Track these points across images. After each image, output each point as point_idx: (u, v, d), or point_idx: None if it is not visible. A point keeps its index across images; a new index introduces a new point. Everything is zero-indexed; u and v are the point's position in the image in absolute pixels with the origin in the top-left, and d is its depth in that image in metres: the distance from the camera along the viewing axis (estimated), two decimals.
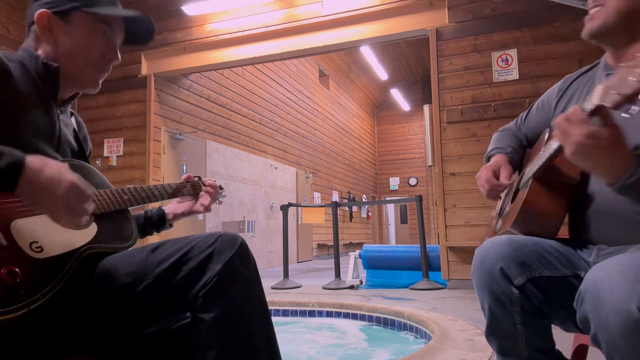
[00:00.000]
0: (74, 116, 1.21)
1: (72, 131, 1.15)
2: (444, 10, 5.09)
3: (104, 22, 1.08)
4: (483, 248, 1.09)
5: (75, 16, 1.05)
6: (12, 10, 5.43)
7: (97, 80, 1.11)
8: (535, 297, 1.02)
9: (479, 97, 4.89)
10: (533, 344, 1.04)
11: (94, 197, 1.00)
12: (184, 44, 6.10)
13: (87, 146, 1.23)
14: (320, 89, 12.48)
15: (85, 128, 1.26)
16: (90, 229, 0.97)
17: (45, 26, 1.04)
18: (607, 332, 0.75)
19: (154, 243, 0.99)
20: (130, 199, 1.08)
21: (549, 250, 1.06)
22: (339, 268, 5.33)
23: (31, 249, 0.85)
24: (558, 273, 1.03)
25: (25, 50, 1.05)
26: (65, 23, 1.05)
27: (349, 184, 13.99)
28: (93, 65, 1.08)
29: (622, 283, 0.74)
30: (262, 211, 8.84)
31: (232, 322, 0.91)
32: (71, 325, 0.91)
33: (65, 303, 0.90)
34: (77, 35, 1.06)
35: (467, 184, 4.79)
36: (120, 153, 6.08)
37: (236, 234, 0.97)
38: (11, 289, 0.80)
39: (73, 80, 1.08)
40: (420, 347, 2.58)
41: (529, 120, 1.37)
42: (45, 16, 1.03)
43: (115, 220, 1.04)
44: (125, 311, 0.94)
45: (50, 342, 0.90)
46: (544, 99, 1.33)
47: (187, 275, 0.93)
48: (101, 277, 0.94)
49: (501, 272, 1.03)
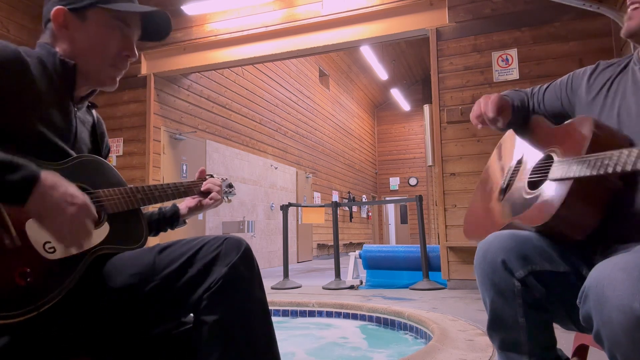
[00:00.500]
0: (93, 111, 1.19)
1: (90, 127, 1.15)
2: (444, 10, 5.08)
3: (121, 18, 1.07)
4: (486, 241, 1.09)
5: (92, 13, 1.04)
6: (12, 10, 5.43)
7: (114, 77, 1.10)
8: (537, 290, 1.02)
9: (479, 97, 4.87)
10: (535, 339, 1.04)
11: (107, 195, 1.01)
12: (184, 43, 6.10)
13: (104, 143, 1.22)
14: (320, 89, 12.48)
15: (104, 126, 1.25)
16: (103, 229, 0.98)
17: (62, 23, 1.03)
18: (610, 329, 0.76)
19: (162, 244, 0.99)
20: (143, 198, 1.08)
21: (552, 247, 1.06)
22: (339, 268, 5.33)
23: (45, 250, 0.85)
24: (560, 269, 1.04)
25: (42, 46, 1.05)
26: (82, 20, 1.04)
27: (349, 184, 13.99)
28: (110, 62, 1.07)
29: (625, 281, 0.75)
30: (262, 211, 8.84)
31: (234, 325, 0.91)
32: (78, 325, 0.91)
33: (75, 303, 0.90)
34: (94, 32, 1.05)
35: (468, 184, 4.78)
36: (120, 153, 6.08)
37: (241, 238, 0.98)
38: (23, 291, 0.80)
39: (90, 78, 1.07)
40: (420, 347, 2.58)
41: (548, 92, 1.33)
42: (61, 13, 1.03)
43: (127, 221, 1.04)
44: (131, 312, 0.94)
45: (56, 342, 0.90)
46: (570, 77, 1.29)
47: (192, 277, 0.93)
48: (108, 277, 0.95)
49: (503, 265, 1.04)
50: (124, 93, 6.11)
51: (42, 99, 0.97)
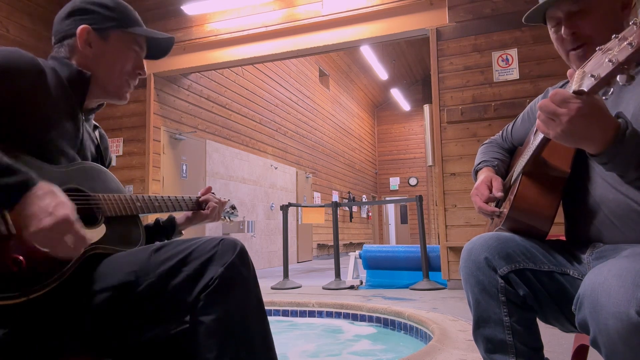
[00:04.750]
0: (97, 129, 1.27)
1: (94, 140, 1.22)
2: (444, 10, 5.08)
3: (137, 41, 1.18)
4: (470, 242, 1.13)
5: (114, 34, 1.14)
6: (12, 10, 5.43)
7: (127, 92, 1.20)
8: (520, 288, 1.04)
9: (479, 97, 4.88)
10: (520, 339, 1.05)
11: (106, 199, 1.05)
12: (184, 43, 6.10)
13: (107, 157, 1.29)
14: (320, 89, 12.47)
15: (108, 141, 1.33)
16: (100, 229, 1.01)
17: (86, 41, 1.11)
18: (606, 336, 0.75)
19: (158, 243, 1.01)
20: (142, 206, 1.14)
21: (536, 247, 1.09)
22: (339, 268, 5.33)
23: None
24: (543, 267, 1.06)
25: (56, 58, 1.12)
26: (104, 39, 1.13)
27: (349, 184, 13.99)
28: (125, 78, 1.17)
29: (620, 287, 0.75)
30: (262, 211, 8.84)
31: (232, 324, 0.91)
32: (72, 322, 0.92)
33: (66, 298, 0.91)
34: (114, 51, 1.15)
35: (468, 184, 4.78)
36: (120, 153, 6.07)
37: (236, 239, 0.99)
38: (14, 276, 0.83)
39: (105, 90, 1.15)
40: (421, 347, 2.58)
41: (515, 131, 1.40)
42: (86, 31, 1.11)
43: (124, 224, 1.08)
44: (127, 310, 0.95)
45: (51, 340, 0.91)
46: (527, 110, 1.36)
47: (188, 276, 0.94)
48: (103, 275, 0.96)
49: (486, 262, 1.06)
50: None
51: (55, 105, 1.02)
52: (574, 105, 0.85)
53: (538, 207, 1.10)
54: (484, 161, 1.36)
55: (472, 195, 1.26)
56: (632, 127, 0.88)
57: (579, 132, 0.87)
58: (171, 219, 1.38)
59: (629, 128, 0.88)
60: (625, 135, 0.87)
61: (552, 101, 0.88)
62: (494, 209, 1.19)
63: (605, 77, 0.79)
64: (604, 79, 0.80)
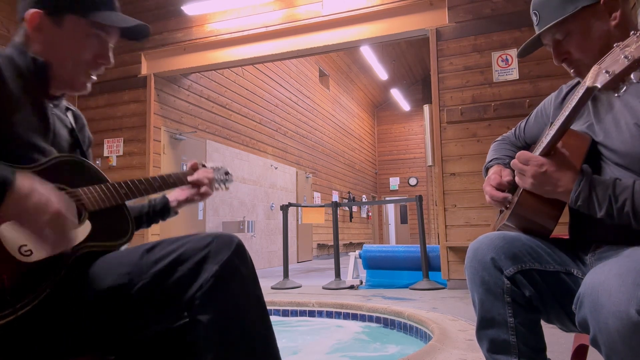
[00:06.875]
0: (70, 111, 1.18)
1: (68, 125, 1.14)
2: (444, 10, 5.09)
3: (99, 26, 1.04)
4: (476, 241, 1.12)
5: (70, 20, 1.02)
6: (12, 10, 5.43)
7: (85, 83, 1.08)
8: (525, 288, 1.04)
9: (479, 97, 4.88)
10: (524, 340, 1.05)
11: (87, 193, 0.99)
12: (184, 44, 6.10)
13: (85, 137, 1.21)
14: (320, 89, 12.47)
15: (84, 118, 1.24)
16: (84, 227, 0.95)
17: (36, 26, 1.01)
18: (606, 335, 0.76)
19: (149, 243, 0.99)
20: (127, 192, 1.06)
21: (542, 246, 1.08)
22: (339, 268, 5.33)
23: (20, 253, 0.84)
24: (549, 268, 1.05)
25: (14, 46, 1.03)
26: (58, 25, 1.02)
27: (349, 184, 13.99)
28: (83, 68, 1.06)
29: (620, 287, 0.75)
30: (262, 211, 8.84)
31: (230, 323, 0.89)
32: (66, 327, 0.90)
33: (59, 305, 0.89)
34: (70, 39, 1.03)
35: (467, 184, 4.78)
36: (120, 153, 6.07)
37: (232, 235, 0.96)
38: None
39: (61, 81, 1.05)
40: (420, 347, 2.58)
41: (528, 129, 1.39)
42: (36, 16, 1.00)
43: (111, 216, 1.01)
44: (123, 311, 0.93)
45: (45, 345, 0.89)
46: (541, 107, 1.35)
47: (182, 276, 0.91)
48: (96, 278, 0.93)
49: (492, 262, 1.06)
50: (124, 93, 6.11)
51: (13, 97, 0.94)
52: (534, 164, 1.00)
53: (544, 205, 1.10)
54: (496, 158, 1.35)
55: (484, 186, 1.26)
56: (587, 177, 0.98)
57: (543, 185, 1.01)
58: (164, 201, 1.31)
59: (584, 178, 0.98)
60: (579, 185, 0.97)
61: (519, 160, 1.03)
62: (505, 194, 1.18)
63: (620, 74, 0.82)
64: (618, 75, 0.82)
